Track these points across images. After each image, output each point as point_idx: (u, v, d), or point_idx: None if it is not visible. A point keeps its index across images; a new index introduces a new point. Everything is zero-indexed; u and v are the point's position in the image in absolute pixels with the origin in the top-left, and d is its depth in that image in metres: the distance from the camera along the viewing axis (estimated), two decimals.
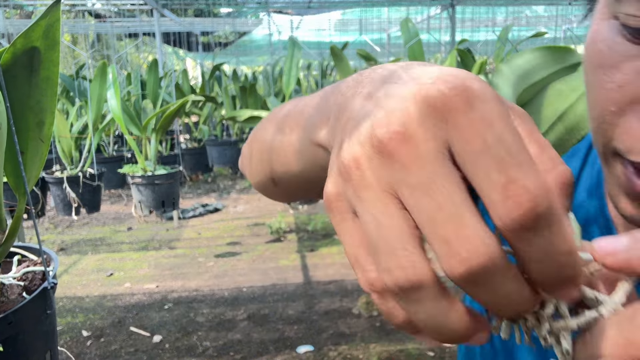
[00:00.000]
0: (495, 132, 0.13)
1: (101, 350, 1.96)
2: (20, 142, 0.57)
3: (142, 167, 1.94)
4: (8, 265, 0.64)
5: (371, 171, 0.15)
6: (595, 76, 0.22)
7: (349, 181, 0.15)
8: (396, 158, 0.14)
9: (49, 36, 0.56)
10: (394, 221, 0.14)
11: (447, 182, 0.13)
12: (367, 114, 0.15)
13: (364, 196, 0.15)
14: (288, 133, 0.26)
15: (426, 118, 0.14)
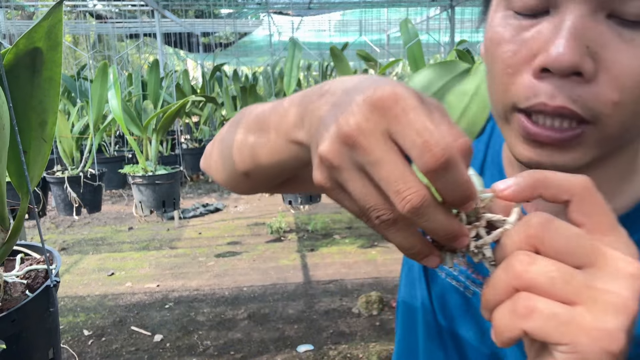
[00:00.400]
0: (414, 115, 0.20)
1: (102, 350, 1.97)
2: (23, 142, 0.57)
3: (143, 167, 1.94)
4: (11, 264, 0.64)
5: (343, 158, 0.22)
6: (496, 51, 0.30)
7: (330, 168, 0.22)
8: (358, 145, 0.21)
9: (51, 37, 0.56)
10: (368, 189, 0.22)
11: (392, 155, 0.20)
12: (335, 118, 0.22)
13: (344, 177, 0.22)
14: (264, 134, 0.31)
15: (372, 115, 0.21)
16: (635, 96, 0.26)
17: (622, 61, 0.26)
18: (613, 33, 0.26)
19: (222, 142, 0.37)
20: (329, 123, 0.22)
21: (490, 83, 0.32)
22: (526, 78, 0.28)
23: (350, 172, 0.21)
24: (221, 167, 0.38)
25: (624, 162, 0.32)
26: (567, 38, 0.26)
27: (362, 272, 2.67)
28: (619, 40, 0.26)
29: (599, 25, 0.26)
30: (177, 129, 2.84)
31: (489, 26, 0.31)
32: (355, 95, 0.22)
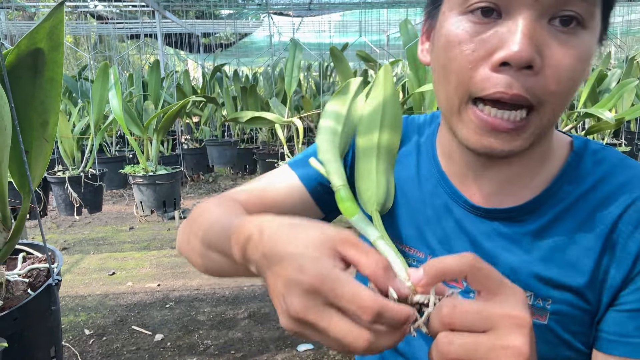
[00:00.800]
0: (336, 290, 0.26)
1: (103, 349, 1.98)
2: (25, 142, 0.58)
3: (144, 167, 1.95)
4: (13, 262, 0.65)
5: (311, 304, 0.27)
6: (455, 50, 0.35)
7: (299, 317, 0.27)
8: (307, 320, 0.26)
9: (52, 37, 0.57)
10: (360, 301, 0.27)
11: (350, 283, 0.26)
12: (281, 295, 0.28)
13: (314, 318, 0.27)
14: (214, 252, 0.38)
15: (309, 296, 0.26)
16: (567, 87, 0.34)
17: (560, 58, 0.33)
18: (553, 35, 0.33)
19: (184, 245, 0.45)
20: (277, 296, 0.28)
21: (442, 82, 0.37)
22: (484, 71, 0.34)
23: (310, 332, 0.27)
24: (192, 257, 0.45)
25: (542, 149, 0.40)
26: (523, 37, 0.32)
27: None
28: (557, 41, 0.33)
29: (543, 28, 0.33)
30: (177, 129, 2.84)
31: (444, 31, 0.37)
32: (287, 270, 0.27)
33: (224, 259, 0.36)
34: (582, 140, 0.43)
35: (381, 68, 0.48)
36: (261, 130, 2.89)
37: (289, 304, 0.26)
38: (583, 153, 0.41)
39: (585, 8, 0.33)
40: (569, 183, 0.40)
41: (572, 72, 0.34)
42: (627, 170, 0.39)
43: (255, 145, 2.81)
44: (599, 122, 1.67)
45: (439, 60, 0.37)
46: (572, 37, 0.33)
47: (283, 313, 0.27)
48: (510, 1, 0.33)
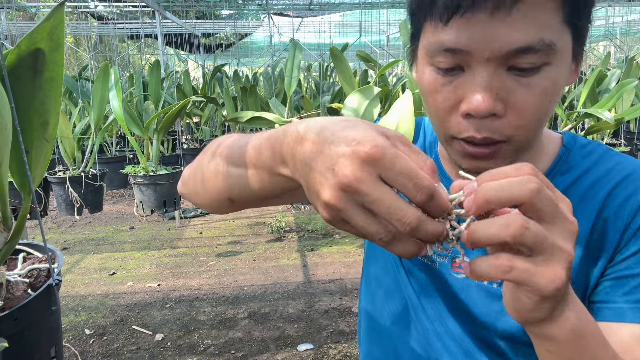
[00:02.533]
0: (398, 163, 0.26)
1: (103, 349, 1.98)
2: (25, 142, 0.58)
3: (144, 167, 1.95)
4: (13, 262, 0.65)
5: (346, 201, 0.27)
6: (430, 97, 0.40)
7: (335, 210, 0.28)
8: (358, 191, 0.26)
9: (53, 38, 0.57)
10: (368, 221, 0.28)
11: (387, 193, 0.26)
12: (329, 169, 0.27)
13: (349, 215, 0.27)
14: (246, 167, 0.37)
15: (364, 167, 0.26)
16: (534, 119, 0.37)
17: (523, 99, 0.36)
18: (513, 80, 0.36)
19: (202, 171, 0.43)
20: (323, 172, 0.27)
21: (430, 115, 0.42)
22: (456, 118, 0.38)
23: (352, 211, 0.27)
24: (202, 192, 0.44)
25: (532, 151, 0.44)
26: (481, 91, 0.36)
27: None
28: (518, 85, 0.36)
29: (502, 76, 0.36)
30: (178, 129, 2.85)
31: (420, 74, 0.41)
32: (340, 147, 0.27)
33: (248, 170, 0.37)
34: (571, 136, 0.47)
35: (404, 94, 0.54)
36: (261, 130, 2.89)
37: (340, 173, 0.26)
38: (572, 147, 0.45)
39: (542, 56, 0.35)
40: (560, 174, 0.44)
41: (538, 108, 0.37)
42: (611, 159, 0.44)
43: None
44: (599, 122, 1.67)
45: (422, 95, 0.42)
46: (535, 77, 0.36)
47: (328, 187, 0.27)
48: (468, 59, 0.36)
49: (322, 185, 0.27)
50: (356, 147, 0.26)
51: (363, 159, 0.26)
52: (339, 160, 0.27)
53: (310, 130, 0.30)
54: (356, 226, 0.27)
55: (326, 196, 0.27)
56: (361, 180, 0.26)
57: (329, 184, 0.27)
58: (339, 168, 0.26)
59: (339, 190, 0.27)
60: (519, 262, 0.26)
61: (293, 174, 0.32)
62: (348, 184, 0.26)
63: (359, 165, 0.26)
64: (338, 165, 0.27)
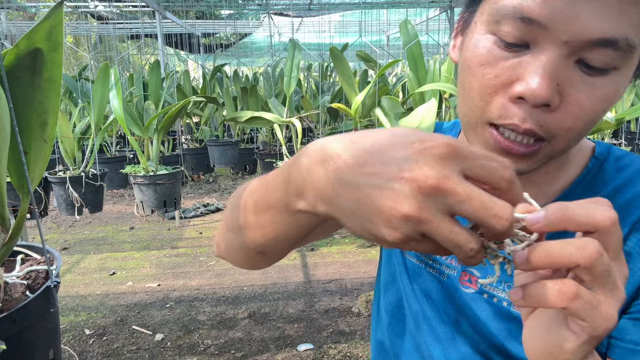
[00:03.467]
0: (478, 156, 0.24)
1: (103, 349, 1.98)
2: (24, 143, 0.58)
3: (144, 167, 1.95)
4: (12, 264, 0.65)
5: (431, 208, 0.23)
6: (477, 70, 0.34)
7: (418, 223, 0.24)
8: (443, 191, 0.23)
9: (51, 38, 0.57)
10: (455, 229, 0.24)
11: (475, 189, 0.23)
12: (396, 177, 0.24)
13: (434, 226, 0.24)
14: (265, 214, 0.33)
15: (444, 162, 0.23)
16: (584, 123, 0.34)
17: (582, 99, 0.32)
18: (579, 76, 0.32)
19: (229, 230, 0.39)
20: (386, 184, 0.24)
21: (463, 95, 0.37)
22: (502, 100, 0.34)
23: (439, 220, 0.23)
24: (236, 252, 0.39)
25: (559, 160, 0.40)
26: (543, 76, 0.31)
27: (362, 271, 2.68)
28: (582, 82, 0.32)
29: (569, 68, 0.32)
30: (178, 129, 2.84)
31: (472, 44, 0.35)
32: (400, 152, 0.24)
33: (266, 215, 0.32)
34: (605, 147, 0.42)
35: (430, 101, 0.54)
36: (261, 131, 2.89)
37: (419, 176, 0.22)
38: (605, 159, 0.41)
39: (617, 57, 0.31)
40: (587, 189, 0.40)
41: (593, 114, 0.33)
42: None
43: (255, 145, 2.81)
44: (599, 122, 1.66)
45: (463, 71, 0.37)
46: (600, 79, 0.32)
47: (404, 197, 0.23)
48: (540, 36, 0.31)
49: (392, 198, 0.23)
50: (424, 145, 0.23)
51: (440, 155, 0.23)
52: (409, 164, 0.23)
53: (331, 149, 0.26)
54: (443, 238, 0.23)
55: (404, 208, 0.23)
56: (448, 177, 0.22)
57: (404, 194, 0.23)
58: (413, 172, 0.23)
59: (420, 197, 0.23)
60: (584, 292, 0.23)
61: (314, 206, 0.27)
62: (434, 185, 0.22)
63: (438, 161, 0.23)
64: (411, 169, 0.23)
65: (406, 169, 0.23)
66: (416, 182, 0.23)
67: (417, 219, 0.23)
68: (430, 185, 0.22)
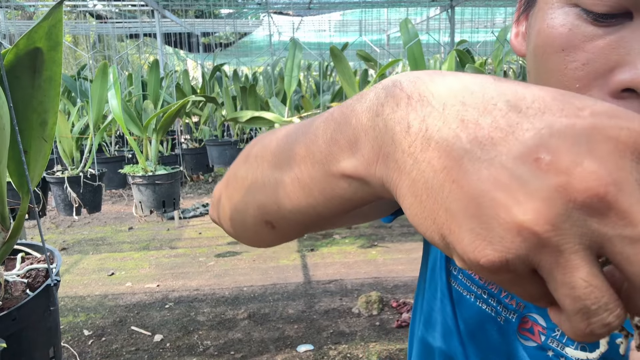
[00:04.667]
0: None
1: (102, 350, 1.97)
2: (24, 142, 0.58)
3: (143, 167, 1.95)
4: (12, 263, 0.65)
5: (570, 230, 0.13)
6: (556, 59, 0.24)
7: (538, 246, 0.13)
8: (611, 212, 0.13)
9: (51, 37, 0.57)
10: (598, 280, 0.14)
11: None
12: (526, 157, 0.14)
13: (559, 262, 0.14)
14: (288, 168, 0.22)
15: (629, 161, 0.13)
16: None
17: None
18: None
19: (233, 184, 0.28)
20: (505, 167, 0.14)
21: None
22: (599, 96, 0.23)
23: (577, 255, 0.13)
24: (238, 216, 0.29)
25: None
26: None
27: (362, 272, 2.67)
28: None
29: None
30: (177, 129, 2.84)
31: (545, 25, 0.25)
32: (550, 117, 0.14)
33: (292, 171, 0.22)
34: None
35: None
36: (261, 130, 2.89)
37: (579, 169, 0.13)
38: None
39: None
40: None
41: None
42: None
43: None
44: None
45: (535, 63, 0.26)
46: None
47: (530, 197, 0.13)
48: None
49: (512, 192, 0.14)
50: (601, 120, 0.13)
51: (626, 145, 0.13)
52: (565, 145, 0.13)
53: (427, 85, 0.16)
54: (566, 289, 0.14)
55: (527, 215, 0.13)
56: (623, 186, 0.13)
57: (539, 192, 0.13)
58: (566, 158, 0.13)
59: (565, 206, 0.13)
60: None
61: (367, 167, 0.18)
62: (600, 194, 0.13)
63: (618, 155, 0.13)
64: (564, 153, 0.13)
65: (555, 149, 0.13)
66: (569, 178, 0.13)
67: (544, 240, 0.13)
68: (593, 193, 0.13)
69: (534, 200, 0.13)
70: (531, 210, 0.13)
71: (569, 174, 0.13)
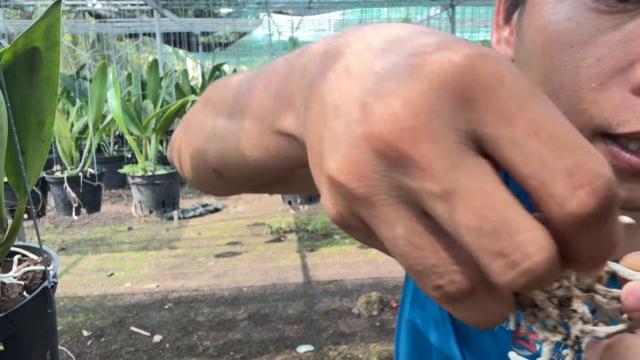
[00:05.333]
0: (542, 110, 0.11)
1: (101, 350, 1.97)
2: (21, 142, 0.57)
3: (143, 167, 1.94)
4: (9, 265, 0.64)
5: (377, 182, 0.12)
6: (565, 57, 0.21)
7: (351, 198, 0.12)
8: (409, 162, 0.11)
9: (49, 36, 0.56)
10: (422, 240, 0.12)
11: (480, 182, 0.11)
12: (354, 102, 0.12)
13: (375, 215, 0.12)
14: (238, 119, 0.21)
15: (440, 101, 0.11)
16: None
17: None
18: None
19: (191, 130, 0.28)
20: (346, 110, 0.12)
21: (556, 89, 0.23)
22: (620, 94, 0.20)
23: (388, 209, 0.12)
24: (188, 160, 0.28)
25: None
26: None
27: (362, 272, 2.67)
28: None
29: None
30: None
31: (545, 21, 0.22)
32: (401, 58, 0.12)
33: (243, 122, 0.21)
34: None
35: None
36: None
37: (378, 110, 0.12)
38: None
39: None
40: None
41: None
42: None
43: None
44: None
45: (531, 65, 0.24)
46: None
47: (346, 142, 0.12)
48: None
49: (334, 141, 0.13)
50: (437, 56, 0.11)
51: (442, 80, 0.11)
52: (386, 84, 0.12)
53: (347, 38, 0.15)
54: (391, 242, 0.12)
55: (333, 166, 0.12)
56: (424, 130, 0.11)
57: (347, 139, 0.12)
58: (380, 98, 0.12)
59: (365, 153, 0.12)
60: None
61: (297, 125, 0.16)
62: (389, 135, 0.11)
63: (429, 93, 0.11)
64: (378, 93, 0.12)
65: (379, 92, 0.12)
66: (374, 123, 0.12)
67: (351, 191, 0.12)
68: (387, 140, 0.11)
69: (342, 148, 0.12)
70: (337, 159, 0.12)
71: (375, 119, 0.12)
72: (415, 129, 0.11)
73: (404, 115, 0.11)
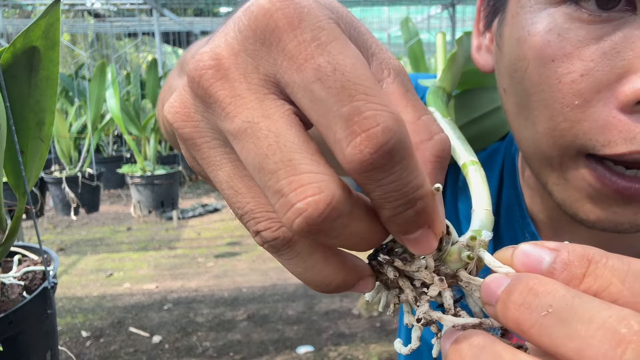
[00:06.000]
0: (333, 55, 0.11)
1: (101, 351, 1.96)
2: (20, 142, 0.57)
3: (141, 167, 1.94)
4: (8, 265, 0.63)
5: (200, 123, 0.13)
6: (548, 71, 0.20)
7: (181, 140, 0.13)
8: (212, 101, 0.12)
9: (48, 36, 0.56)
10: (235, 178, 0.13)
11: (272, 123, 0.11)
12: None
13: (203, 157, 0.13)
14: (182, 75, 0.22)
15: (243, 44, 0.12)
16: None
17: None
18: None
19: (164, 88, 0.30)
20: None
21: (523, 118, 0.21)
22: (606, 112, 0.19)
23: (213, 152, 0.12)
24: (160, 121, 0.31)
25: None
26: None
27: None
28: None
29: None
30: None
31: (523, 33, 0.20)
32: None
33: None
34: None
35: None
36: None
37: (199, 57, 0.12)
38: None
39: None
40: None
41: None
42: None
43: None
44: None
45: (510, 78, 0.22)
46: None
47: (181, 84, 0.14)
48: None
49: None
50: (250, 3, 0.12)
51: (247, 24, 0.12)
52: (217, 36, 0.13)
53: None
54: (213, 180, 0.13)
55: (167, 104, 0.14)
56: (224, 74, 0.12)
57: (184, 78, 0.13)
58: (204, 49, 0.13)
59: (187, 93, 0.13)
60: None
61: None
62: (200, 76, 0.12)
63: (235, 38, 0.12)
64: (212, 42, 0.13)
65: (211, 41, 0.13)
66: (191, 63, 0.12)
67: (174, 128, 0.13)
68: (193, 78, 0.12)
69: (176, 92, 0.13)
70: (170, 100, 0.13)
71: (194, 62, 0.12)
72: (219, 70, 0.12)
73: (209, 56, 0.12)
